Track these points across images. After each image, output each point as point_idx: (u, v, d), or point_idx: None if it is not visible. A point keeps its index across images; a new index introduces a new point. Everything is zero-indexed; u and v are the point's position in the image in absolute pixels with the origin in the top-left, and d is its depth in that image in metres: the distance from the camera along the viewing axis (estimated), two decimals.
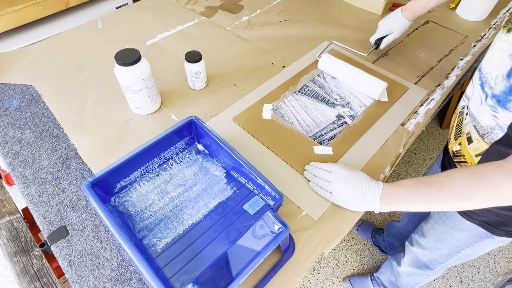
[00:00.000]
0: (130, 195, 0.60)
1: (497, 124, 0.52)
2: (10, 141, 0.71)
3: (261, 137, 0.73)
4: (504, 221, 0.61)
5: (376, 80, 0.79)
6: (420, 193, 0.51)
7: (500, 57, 0.50)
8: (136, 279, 0.53)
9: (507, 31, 0.50)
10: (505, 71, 0.49)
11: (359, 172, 0.60)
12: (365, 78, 0.81)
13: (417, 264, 0.91)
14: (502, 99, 0.49)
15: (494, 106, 0.51)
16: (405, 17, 0.84)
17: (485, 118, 0.55)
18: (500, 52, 0.51)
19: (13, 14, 1.15)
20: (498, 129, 0.52)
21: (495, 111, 0.51)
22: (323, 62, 0.87)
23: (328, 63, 0.86)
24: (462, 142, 0.62)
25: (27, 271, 0.56)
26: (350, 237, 1.46)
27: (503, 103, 0.49)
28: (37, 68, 0.89)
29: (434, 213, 0.78)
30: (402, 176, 1.65)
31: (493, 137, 0.54)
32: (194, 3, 1.17)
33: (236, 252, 0.48)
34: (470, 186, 0.46)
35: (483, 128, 0.55)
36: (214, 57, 0.94)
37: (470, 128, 0.59)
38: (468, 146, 0.60)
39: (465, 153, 0.61)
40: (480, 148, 0.57)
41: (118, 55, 0.67)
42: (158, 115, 0.78)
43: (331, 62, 0.86)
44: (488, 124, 0.54)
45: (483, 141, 0.56)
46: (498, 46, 0.52)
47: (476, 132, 0.57)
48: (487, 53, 0.56)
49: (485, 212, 0.62)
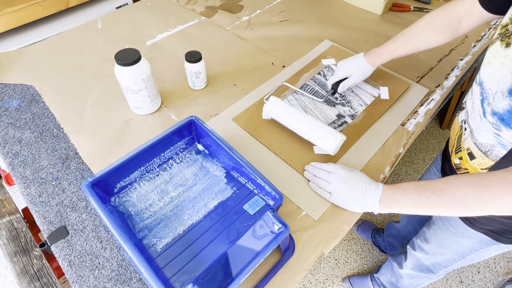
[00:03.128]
0: (130, 195, 0.60)
1: (499, 142, 0.51)
2: (10, 141, 0.71)
3: (261, 137, 0.73)
4: (509, 229, 0.61)
5: (333, 133, 0.65)
6: (420, 198, 0.51)
7: (502, 73, 0.49)
8: (136, 279, 0.53)
9: (506, 46, 0.49)
10: (505, 87, 0.48)
11: (359, 173, 0.60)
12: (319, 130, 0.66)
13: (420, 268, 0.90)
14: (506, 118, 0.48)
15: (497, 125, 0.50)
16: (368, 62, 0.76)
17: (484, 135, 0.54)
18: (502, 68, 0.49)
19: (13, 14, 1.15)
20: (500, 147, 0.51)
21: (498, 130, 0.50)
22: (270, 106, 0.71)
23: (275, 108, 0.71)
24: (463, 157, 0.61)
25: (27, 271, 0.56)
26: (350, 237, 1.46)
27: (507, 122, 0.48)
28: (37, 68, 0.89)
29: (437, 219, 0.77)
30: (402, 176, 1.65)
31: (497, 154, 0.53)
32: (194, 3, 1.17)
33: (236, 252, 0.48)
34: (471, 195, 0.46)
35: (483, 145, 0.54)
36: (214, 57, 0.94)
37: (470, 144, 0.58)
38: (471, 162, 0.59)
39: (468, 167, 0.61)
40: (485, 164, 0.56)
41: (118, 55, 0.67)
42: (158, 115, 0.78)
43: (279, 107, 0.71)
44: (488, 142, 0.53)
45: (487, 158, 0.55)
46: (498, 61, 0.50)
47: (478, 149, 0.56)
48: (485, 67, 0.54)
49: (490, 221, 0.62)
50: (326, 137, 0.65)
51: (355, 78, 0.77)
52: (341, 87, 0.78)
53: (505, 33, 0.50)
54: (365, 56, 0.77)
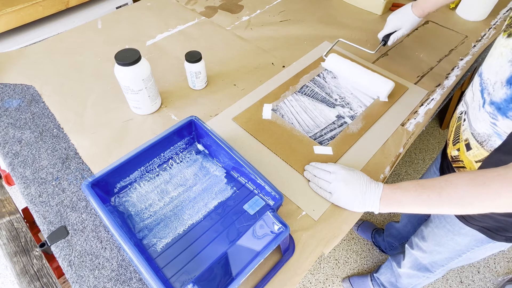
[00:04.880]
0: (130, 195, 0.60)
1: (495, 132, 0.51)
2: (10, 141, 0.71)
3: (261, 137, 0.73)
4: (504, 226, 0.61)
5: (384, 80, 0.79)
6: (420, 196, 0.51)
7: (500, 63, 0.49)
8: (136, 279, 0.53)
9: (508, 36, 0.49)
10: (504, 77, 0.48)
11: (359, 172, 0.60)
12: (372, 77, 0.80)
13: (418, 267, 0.90)
14: (502, 107, 0.48)
15: (494, 114, 0.50)
16: (415, 13, 0.82)
17: (481, 125, 0.54)
18: (500, 57, 0.50)
19: (13, 14, 1.15)
20: (496, 136, 0.52)
21: (495, 119, 0.51)
22: (330, 61, 0.86)
23: (334, 62, 0.86)
24: (460, 148, 0.62)
25: (27, 271, 0.56)
26: (350, 237, 1.46)
27: (503, 111, 0.48)
28: (37, 68, 0.89)
29: (434, 217, 0.77)
30: (402, 176, 1.65)
31: (492, 145, 0.53)
32: (194, 3, 1.17)
33: (236, 252, 0.48)
34: (470, 193, 0.46)
35: (480, 135, 0.55)
36: (214, 57, 0.94)
37: (468, 135, 0.58)
38: (467, 153, 0.59)
39: (464, 159, 0.61)
40: (480, 155, 0.56)
41: (118, 55, 0.67)
42: (158, 115, 0.78)
43: (338, 61, 0.85)
44: (485, 132, 0.53)
45: (482, 148, 0.55)
46: (498, 52, 0.51)
47: (474, 139, 0.56)
48: (487, 58, 0.55)
49: (485, 217, 0.62)
50: (380, 83, 0.79)
51: (404, 30, 0.85)
52: (391, 39, 0.86)
53: (510, 23, 0.51)
54: (412, 8, 0.82)
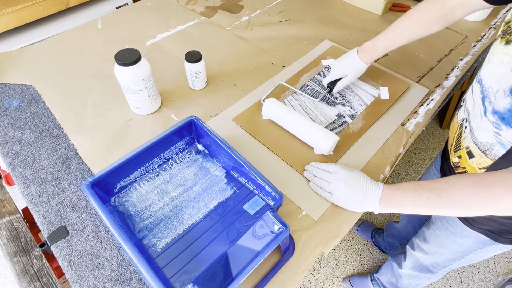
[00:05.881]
0: (130, 195, 0.60)
1: (498, 141, 0.51)
2: (10, 141, 0.71)
3: (261, 137, 0.73)
4: (508, 229, 0.61)
5: (327, 133, 0.67)
6: (420, 198, 0.51)
7: (502, 71, 0.49)
8: (136, 279, 0.53)
9: (506, 43, 0.49)
10: (507, 86, 0.47)
11: (359, 172, 0.60)
12: (314, 130, 0.67)
13: (419, 268, 0.90)
14: (506, 117, 0.48)
15: (497, 123, 0.50)
16: (362, 60, 0.76)
17: (484, 134, 0.53)
18: (501, 65, 0.49)
19: (13, 14, 1.15)
20: (499, 146, 0.51)
21: (498, 128, 0.50)
22: (267, 107, 0.73)
23: (272, 109, 0.72)
24: (462, 156, 0.61)
25: (27, 271, 0.56)
26: (350, 237, 1.46)
27: (508, 121, 0.48)
28: (37, 68, 0.89)
29: (435, 219, 0.77)
30: (402, 176, 1.65)
31: (496, 153, 0.53)
32: (194, 3, 1.17)
33: (236, 252, 0.48)
34: (471, 196, 0.46)
35: (482, 144, 0.54)
36: (214, 57, 0.94)
37: (469, 143, 0.58)
38: (470, 161, 0.59)
39: (466, 166, 0.60)
40: (484, 163, 0.56)
41: (118, 55, 0.67)
42: (158, 115, 0.78)
43: (276, 109, 0.72)
44: (487, 141, 0.53)
45: (486, 157, 0.55)
46: (497, 59, 0.50)
47: (477, 148, 0.56)
48: (485, 65, 0.54)
49: (489, 221, 0.61)
50: (319, 139, 0.67)
51: (350, 77, 0.78)
52: (337, 88, 0.79)
53: (507, 30, 0.50)
54: (358, 53, 0.76)
